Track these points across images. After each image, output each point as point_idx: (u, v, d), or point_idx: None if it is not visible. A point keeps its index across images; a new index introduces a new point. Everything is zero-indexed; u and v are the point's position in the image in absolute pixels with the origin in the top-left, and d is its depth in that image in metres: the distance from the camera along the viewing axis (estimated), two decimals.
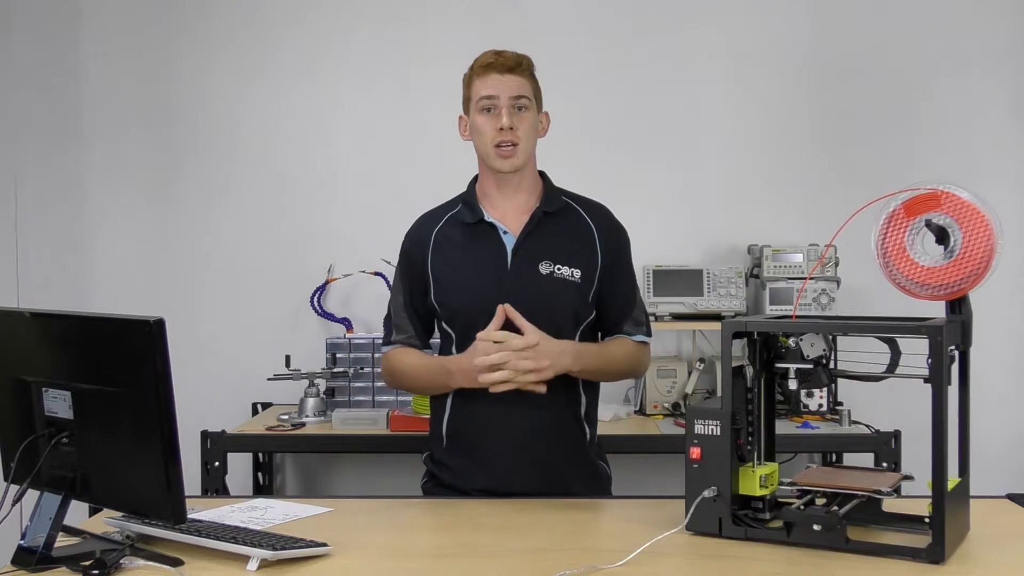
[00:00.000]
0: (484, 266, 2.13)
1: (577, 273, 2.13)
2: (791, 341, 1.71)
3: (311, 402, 3.28)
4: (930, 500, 1.52)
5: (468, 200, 2.20)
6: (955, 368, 1.63)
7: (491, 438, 2.10)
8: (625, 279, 2.23)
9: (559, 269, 2.12)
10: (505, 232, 2.15)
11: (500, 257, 2.13)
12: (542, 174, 2.24)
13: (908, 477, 1.77)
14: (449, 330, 2.16)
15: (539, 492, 2.05)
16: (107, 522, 1.73)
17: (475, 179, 2.24)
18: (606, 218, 2.23)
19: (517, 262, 2.12)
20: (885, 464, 2.97)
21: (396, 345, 2.23)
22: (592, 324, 2.19)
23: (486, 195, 2.19)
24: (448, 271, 2.16)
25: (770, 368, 1.76)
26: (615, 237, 2.22)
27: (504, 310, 2.02)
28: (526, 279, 2.11)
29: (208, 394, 3.49)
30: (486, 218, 2.16)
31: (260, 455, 3.56)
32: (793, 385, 1.73)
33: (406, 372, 2.21)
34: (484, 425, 2.11)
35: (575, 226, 2.19)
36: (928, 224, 1.66)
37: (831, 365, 1.72)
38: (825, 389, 1.75)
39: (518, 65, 2.11)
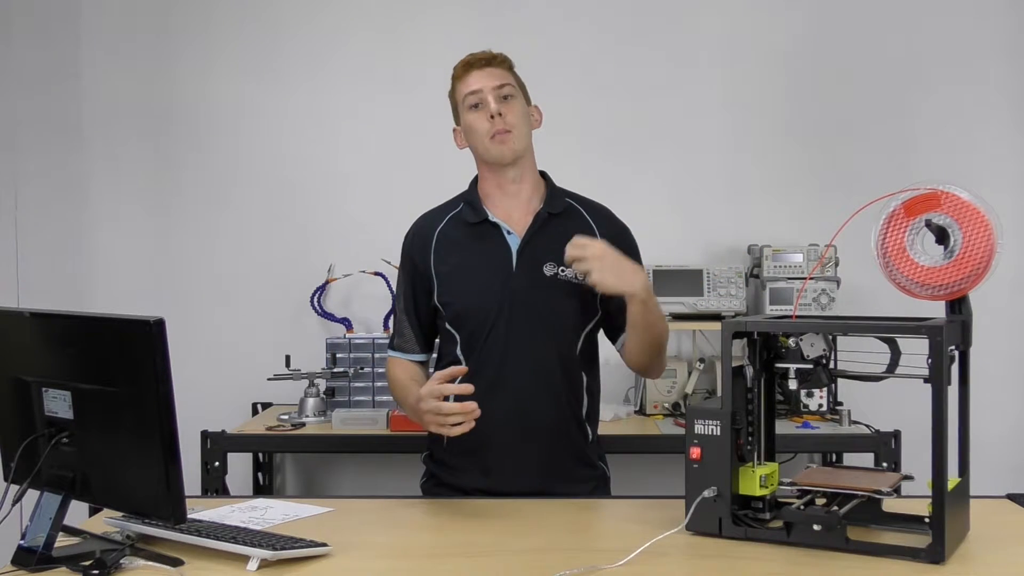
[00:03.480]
0: (489, 267, 2.13)
1: (581, 274, 2.12)
2: (791, 341, 1.71)
3: (311, 402, 3.28)
4: (930, 500, 1.52)
5: (470, 200, 2.19)
6: (955, 368, 1.63)
7: (493, 438, 2.09)
8: None
9: (563, 271, 2.11)
10: (509, 232, 2.14)
11: (505, 258, 2.12)
12: (544, 175, 2.24)
13: (908, 477, 1.77)
14: (453, 331, 2.15)
15: (540, 492, 2.05)
16: (107, 522, 1.73)
17: (476, 179, 2.24)
18: (608, 219, 2.23)
19: (522, 263, 2.12)
20: (885, 464, 2.96)
21: (394, 352, 2.25)
22: (596, 327, 2.19)
23: (488, 195, 2.19)
24: (452, 272, 2.15)
25: (770, 368, 1.76)
26: (617, 234, 2.20)
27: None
28: (531, 280, 2.11)
29: (208, 394, 3.49)
30: (490, 218, 2.15)
31: (260, 455, 3.56)
32: (793, 385, 1.73)
33: (392, 385, 2.24)
34: (486, 425, 2.10)
35: (578, 227, 2.17)
36: (928, 224, 1.66)
37: (831, 365, 1.72)
38: (825, 389, 1.75)
39: (494, 58, 2.14)
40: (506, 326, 2.09)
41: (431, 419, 1.89)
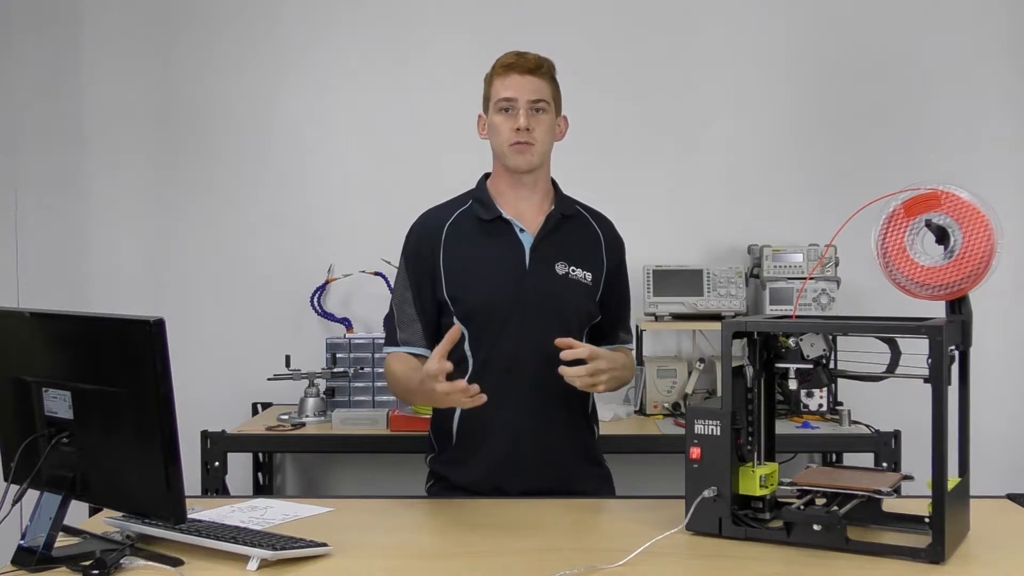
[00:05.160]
0: (502, 263, 2.13)
1: (588, 276, 2.17)
2: (791, 341, 1.71)
3: (311, 402, 3.28)
4: (930, 500, 1.52)
5: (480, 197, 2.20)
6: (955, 368, 1.63)
7: (503, 437, 2.10)
8: (623, 287, 2.29)
9: (574, 271, 2.16)
10: (522, 231, 2.16)
11: (518, 255, 2.13)
12: (553, 181, 2.26)
13: (908, 477, 1.77)
14: (462, 326, 2.13)
15: (550, 491, 2.06)
16: (107, 522, 1.73)
17: (485, 177, 2.24)
18: (610, 228, 2.28)
19: (535, 261, 2.14)
20: (885, 464, 2.97)
21: (397, 348, 2.17)
22: (595, 325, 2.22)
23: (500, 193, 2.19)
24: (463, 266, 2.14)
25: (770, 368, 1.76)
26: (617, 248, 2.27)
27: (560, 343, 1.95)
28: (544, 278, 2.13)
29: (208, 394, 3.49)
30: (503, 215, 2.16)
31: (260, 455, 3.56)
32: (793, 385, 1.73)
33: (392, 379, 2.18)
34: (496, 424, 2.10)
35: (585, 231, 2.24)
36: (928, 224, 1.66)
37: (831, 365, 1.72)
38: (825, 389, 1.75)
39: (539, 67, 2.13)
40: (519, 322, 2.10)
41: (443, 398, 1.90)
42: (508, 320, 2.10)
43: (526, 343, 2.09)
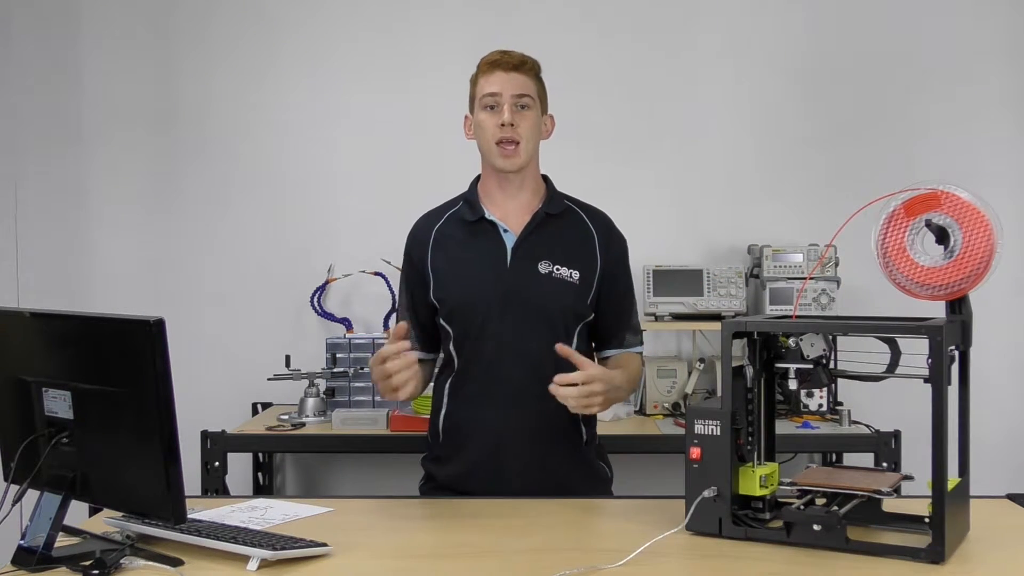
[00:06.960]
0: (483, 263, 2.14)
1: (576, 275, 2.14)
2: (791, 341, 1.71)
3: (311, 402, 3.28)
4: (930, 500, 1.52)
5: (469, 199, 2.21)
6: (955, 368, 1.63)
7: (485, 436, 2.11)
8: (624, 287, 2.24)
9: (558, 270, 2.13)
10: (506, 231, 2.15)
11: (500, 255, 2.13)
12: (545, 178, 2.25)
13: (908, 477, 1.77)
14: (447, 326, 2.16)
15: (536, 493, 2.05)
16: (107, 522, 1.73)
17: (477, 178, 2.25)
18: (606, 225, 2.24)
19: (516, 260, 2.13)
20: (885, 464, 2.97)
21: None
22: (590, 325, 2.19)
23: (488, 194, 2.20)
24: (447, 267, 2.16)
25: (770, 368, 1.76)
26: (615, 244, 2.23)
27: (559, 349, 1.95)
28: (525, 277, 2.12)
29: (208, 394, 3.49)
30: (487, 216, 2.16)
31: (260, 455, 3.56)
32: (793, 385, 1.73)
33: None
34: (479, 423, 2.12)
35: (576, 229, 2.20)
36: (928, 224, 1.66)
37: (831, 365, 1.72)
38: (825, 389, 1.75)
39: (523, 64, 2.13)
40: (499, 322, 2.10)
41: (382, 386, 1.94)
42: (489, 320, 2.10)
43: (509, 343, 2.09)
